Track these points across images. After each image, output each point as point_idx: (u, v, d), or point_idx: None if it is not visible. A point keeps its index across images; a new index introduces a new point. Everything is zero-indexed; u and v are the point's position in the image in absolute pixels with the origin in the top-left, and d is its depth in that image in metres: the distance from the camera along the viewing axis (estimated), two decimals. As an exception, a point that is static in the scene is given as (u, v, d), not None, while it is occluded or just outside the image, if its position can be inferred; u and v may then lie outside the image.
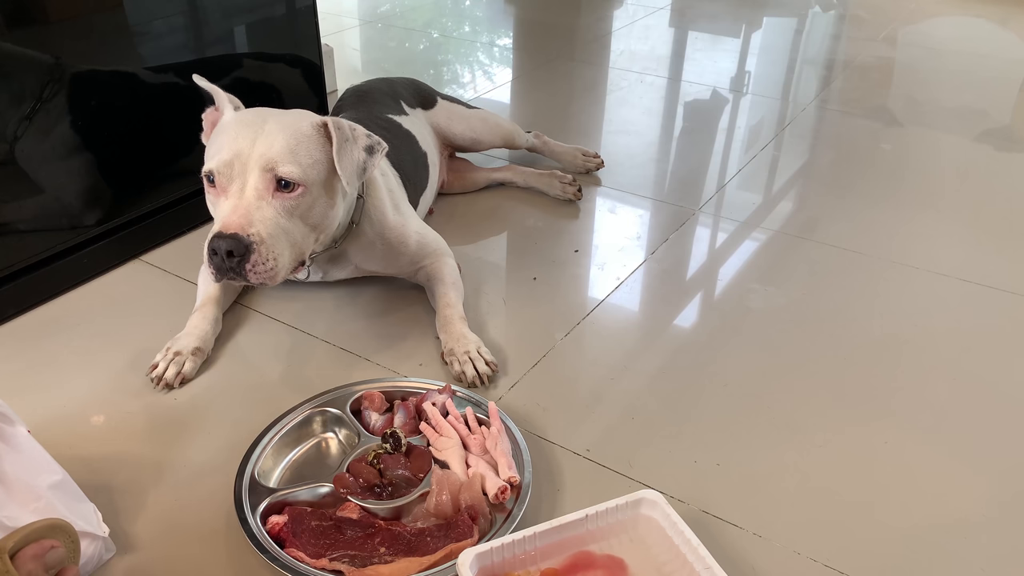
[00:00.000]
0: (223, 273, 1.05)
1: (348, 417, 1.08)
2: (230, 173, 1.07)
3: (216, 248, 1.03)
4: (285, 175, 1.07)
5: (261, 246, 1.04)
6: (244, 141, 1.07)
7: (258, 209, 1.06)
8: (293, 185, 1.08)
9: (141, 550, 0.92)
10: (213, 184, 1.08)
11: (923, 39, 2.94)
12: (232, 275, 1.05)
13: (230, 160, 1.06)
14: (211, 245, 1.04)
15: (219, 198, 1.08)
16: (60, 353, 1.24)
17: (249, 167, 1.06)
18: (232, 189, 1.07)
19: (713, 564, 0.82)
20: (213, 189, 1.09)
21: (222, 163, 1.07)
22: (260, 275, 1.05)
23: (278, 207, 1.07)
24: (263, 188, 1.07)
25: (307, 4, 1.73)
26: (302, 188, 1.09)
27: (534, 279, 1.46)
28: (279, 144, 1.08)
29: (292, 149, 1.08)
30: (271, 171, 1.06)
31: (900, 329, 1.34)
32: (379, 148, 1.17)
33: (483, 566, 0.84)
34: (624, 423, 1.13)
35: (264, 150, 1.07)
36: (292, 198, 1.08)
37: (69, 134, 1.34)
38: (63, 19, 1.30)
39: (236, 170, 1.06)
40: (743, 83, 2.49)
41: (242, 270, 1.04)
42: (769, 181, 1.87)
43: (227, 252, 1.03)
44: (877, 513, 0.99)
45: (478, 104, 1.96)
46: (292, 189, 1.08)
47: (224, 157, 1.07)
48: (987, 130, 2.16)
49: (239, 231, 1.03)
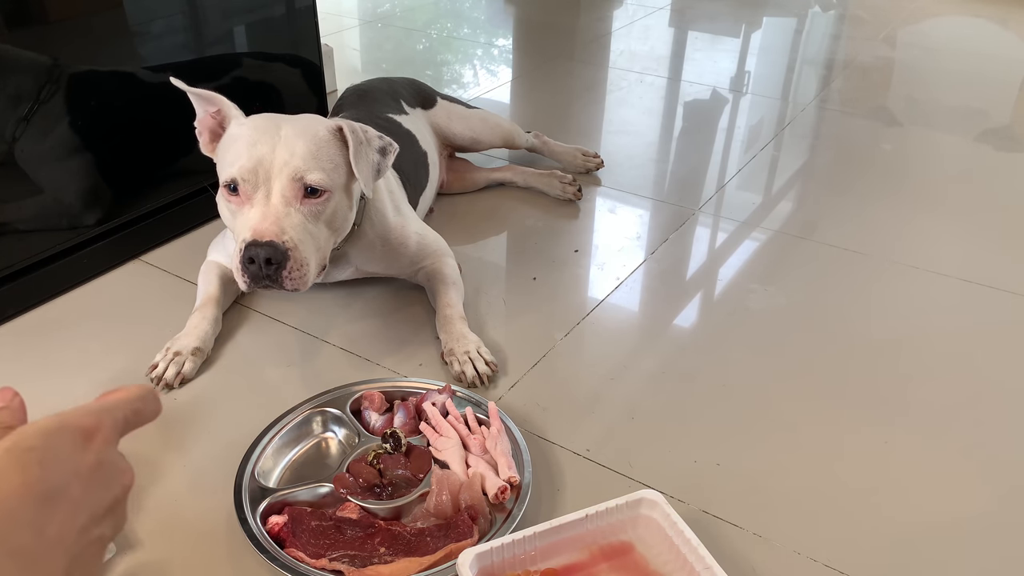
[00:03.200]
0: (258, 281, 1.05)
1: (348, 417, 1.08)
2: (255, 180, 1.06)
3: (255, 256, 1.02)
4: (313, 182, 1.06)
5: (295, 252, 1.04)
6: (264, 147, 1.07)
7: (287, 216, 1.05)
8: (319, 191, 1.08)
9: (141, 550, 0.92)
10: (235, 192, 1.07)
11: (923, 39, 2.94)
12: (267, 283, 1.05)
13: (253, 167, 1.05)
14: (248, 253, 1.03)
15: (242, 206, 1.07)
16: (60, 353, 1.24)
17: (273, 174, 1.06)
18: (257, 196, 1.06)
19: (713, 564, 0.82)
20: (235, 198, 1.08)
21: (245, 170, 1.05)
22: (295, 281, 1.05)
23: (305, 213, 1.07)
24: (291, 195, 1.06)
25: (307, 4, 1.73)
26: (328, 193, 1.09)
27: (534, 279, 1.46)
28: (300, 150, 1.07)
29: (314, 155, 1.08)
30: (299, 180, 1.06)
31: (900, 329, 1.34)
32: (391, 149, 1.17)
33: (483, 566, 0.84)
34: (624, 423, 1.13)
35: (287, 157, 1.06)
36: (318, 204, 1.08)
37: (68, 134, 1.34)
38: (62, 19, 1.30)
39: (260, 177, 1.06)
40: (743, 83, 2.49)
41: (278, 277, 1.04)
42: (769, 181, 1.87)
43: (265, 260, 1.02)
44: (877, 513, 0.99)
45: (478, 104, 1.95)
46: (319, 195, 1.08)
47: (246, 164, 1.06)
48: (987, 130, 2.16)
49: (275, 238, 1.03)
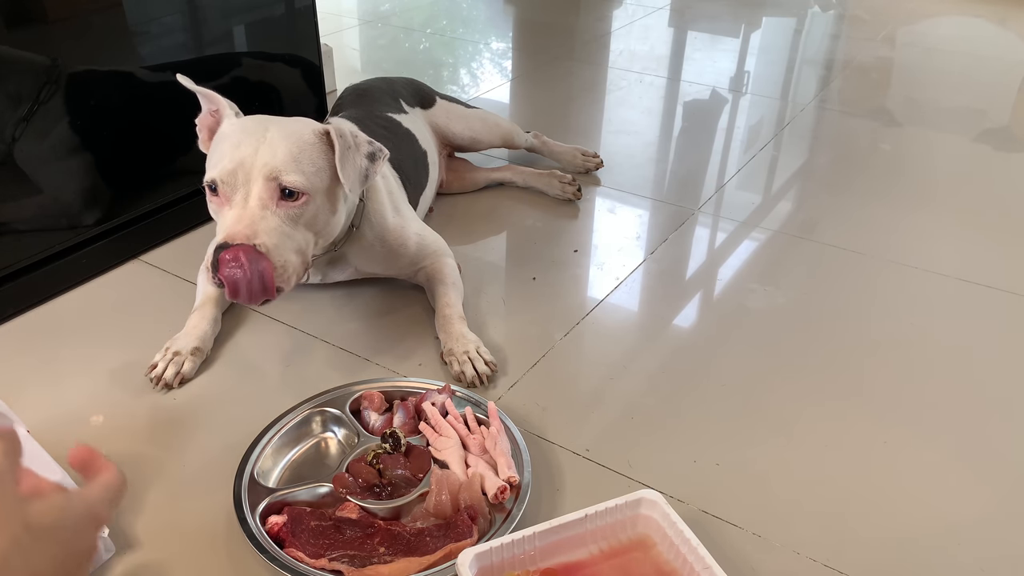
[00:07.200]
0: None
1: (347, 417, 1.08)
2: (233, 182, 1.05)
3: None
4: (289, 184, 1.05)
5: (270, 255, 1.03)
6: (247, 149, 1.06)
7: (263, 219, 1.04)
8: (297, 194, 1.07)
9: (140, 550, 0.92)
10: (216, 193, 1.07)
11: (922, 39, 2.94)
12: None
13: (233, 169, 1.05)
14: (218, 256, 1.02)
15: (222, 208, 1.07)
16: (59, 353, 1.24)
17: (252, 176, 1.05)
18: (236, 199, 1.05)
19: (713, 564, 0.82)
20: (216, 198, 1.07)
21: (225, 172, 1.05)
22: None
23: (282, 216, 1.06)
24: (267, 197, 1.05)
25: (306, 4, 1.73)
26: (306, 197, 1.07)
27: (533, 279, 1.46)
28: (282, 152, 1.06)
29: (295, 157, 1.07)
30: (275, 180, 1.05)
31: (899, 329, 1.34)
32: (380, 155, 1.16)
33: (482, 566, 0.84)
34: (623, 423, 1.13)
35: (267, 159, 1.05)
36: (296, 207, 1.07)
37: (67, 135, 1.34)
38: (61, 20, 1.30)
39: (240, 179, 1.05)
40: (742, 83, 2.49)
41: None
42: (768, 181, 1.87)
43: None
44: (877, 513, 0.99)
45: (478, 104, 1.95)
46: (296, 198, 1.07)
47: (227, 166, 1.05)
48: (986, 130, 2.16)
49: (245, 241, 1.02)
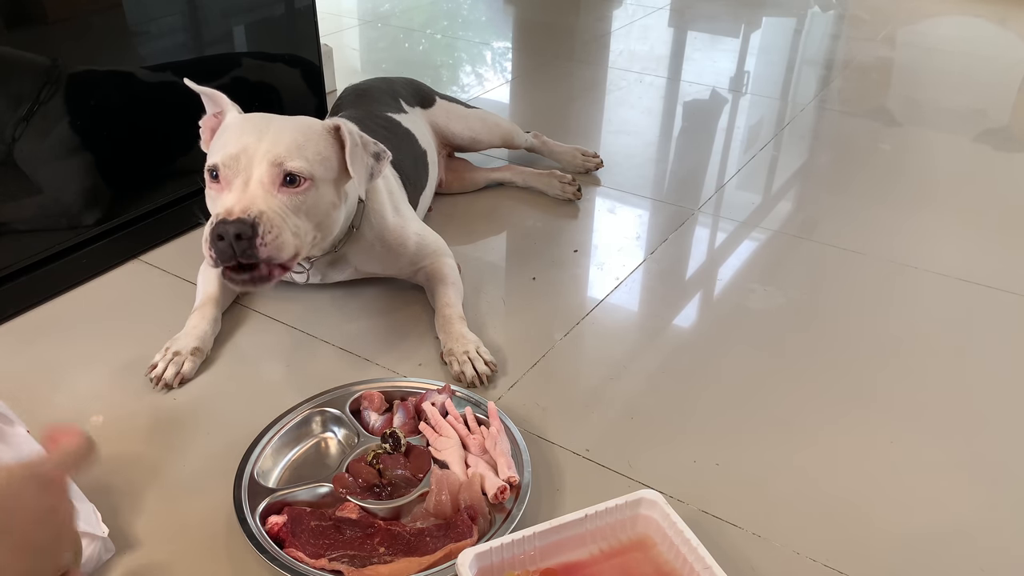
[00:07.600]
0: (226, 259, 1.01)
1: (347, 417, 1.08)
2: (236, 167, 1.04)
3: (223, 233, 0.99)
4: (293, 169, 1.05)
5: (267, 221, 1.01)
6: (251, 137, 1.06)
7: (264, 199, 1.03)
8: (299, 180, 1.06)
9: (140, 550, 0.92)
10: (216, 180, 1.06)
11: (922, 39, 2.94)
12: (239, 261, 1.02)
13: (236, 154, 1.05)
14: (217, 230, 1.00)
15: (221, 193, 1.05)
16: (59, 353, 1.24)
17: (255, 161, 1.04)
18: (236, 183, 1.04)
19: (713, 564, 0.82)
20: (216, 184, 1.06)
21: (228, 156, 1.05)
22: (269, 247, 1.02)
23: (284, 200, 1.05)
24: (268, 182, 1.04)
25: (306, 4, 1.73)
26: (308, 183, 1.07)
27: (533, 279, 1.46)
28: (287, 139, 1.07)
29: (300, 144, 1.07)
30: (279, 166, 1.05)
31: (899, 329, 1.34)
32: (384, 156, 1.17)
33: (482, 566, 0.84)
34: (623, 423, 1.13)
35: (271, 145, 1.05)
36: (298, 193, 1.07)
37: (67, 135, 1.34)
38: (61, 20, 1.30)
39: (242, 164, 1.05)
40: (742, 83, 2.49)
41: (252, 250, 1.00)
42: (768, 181, 1.87)
43: (236, 236, 0.99)
44: (877, 513, 0.99)
45: (477, 104, 1.95)
46: (298, 184, 1.06)
47: (230, 151, 1.05)
48: (986, 130, 2.16)
49: (242, 214, 1.00)
